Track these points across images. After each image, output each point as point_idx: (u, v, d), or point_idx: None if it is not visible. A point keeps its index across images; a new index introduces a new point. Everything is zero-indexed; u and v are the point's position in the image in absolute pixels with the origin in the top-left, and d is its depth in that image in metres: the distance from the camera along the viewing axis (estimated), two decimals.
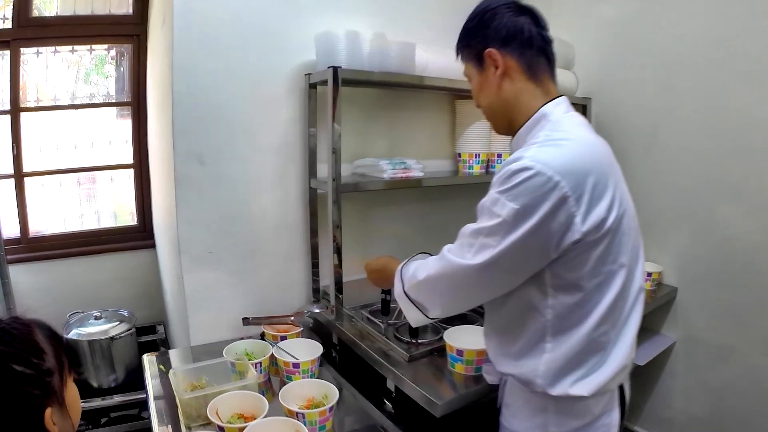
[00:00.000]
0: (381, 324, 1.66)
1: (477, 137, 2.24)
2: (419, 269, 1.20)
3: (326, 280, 1.99)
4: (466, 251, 1.07)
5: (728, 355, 2.09)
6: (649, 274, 2.23)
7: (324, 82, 1.72)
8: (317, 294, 2.00)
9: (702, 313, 2.18)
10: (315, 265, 1.99)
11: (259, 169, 1.84)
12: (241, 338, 1.77)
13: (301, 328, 1.73)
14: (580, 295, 1.04)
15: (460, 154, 2.29)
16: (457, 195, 2.46)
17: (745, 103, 1.93)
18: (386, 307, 1.65)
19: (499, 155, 2.29)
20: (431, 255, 1.33)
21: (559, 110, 1.12)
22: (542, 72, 1.14)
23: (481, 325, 1.37)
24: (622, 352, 1.09)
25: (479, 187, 2.55)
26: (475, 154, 2.24)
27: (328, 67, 1.61)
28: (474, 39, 1.17)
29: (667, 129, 2.22)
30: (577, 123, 1.12)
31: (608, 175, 1.04)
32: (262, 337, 1.76)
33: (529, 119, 1.13)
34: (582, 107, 2.56)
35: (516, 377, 1.14)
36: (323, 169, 1.88)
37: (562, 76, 2.40)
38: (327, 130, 1.67)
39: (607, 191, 1.02)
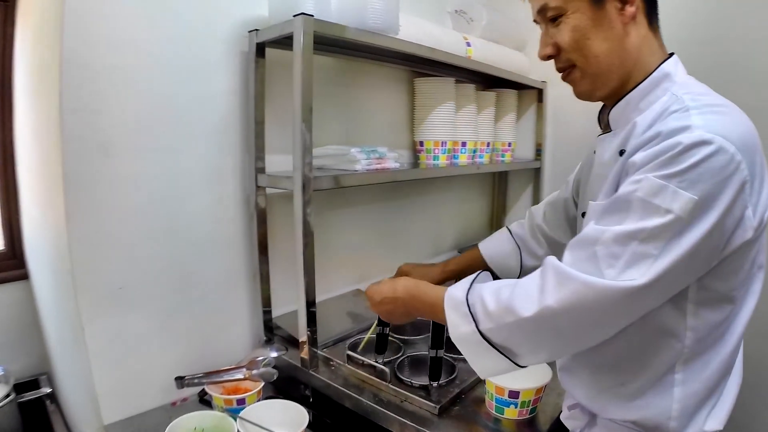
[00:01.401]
0: (384, 366, 1.21)
1: (442, 122, 1.86)
2: (517, 300, 0.78)
3: (280, 310, 1.53)
4: (605, 266, 0.72)
5: None
6: None
7: (277, 42, 1.28)
8: (270, 331, 1.51)
9: None
10: (265, 291, 1.49)
11: (187, 162, 1.31)
12: (173, 403, 1.27)
13: (262, 384, 1.23)
14: (729, 308, 0.81)
15: (422, 143, 1.90)
16: (416, 192, 2.11)
17: (734, 91, 1.76)
18: (383, 343, 1.22)
19: (464, 143, 1.96)
20: (494, 275, 0.96)
21: (680, 70, 0.86)
22: (657, 20, 0.88)
23: None
24: (739, 367, 0.89)
25: (442, 181, 2.28)
26: (441, 142, 1.87)
27: (296, 15, 1.14)
28: None
29: None
30: (707, 88, 0.84)
31: (763, 153, 0.80)
32: (202, 398, 1.26)
33: (644, 80, 0.84)
34: (538, 91, 2.34)
35: (637, 423, 0.85)
36: (276, 162, 1.43)
37: (513, 57, 2.12)
38: (280, 108, 1.26)
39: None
